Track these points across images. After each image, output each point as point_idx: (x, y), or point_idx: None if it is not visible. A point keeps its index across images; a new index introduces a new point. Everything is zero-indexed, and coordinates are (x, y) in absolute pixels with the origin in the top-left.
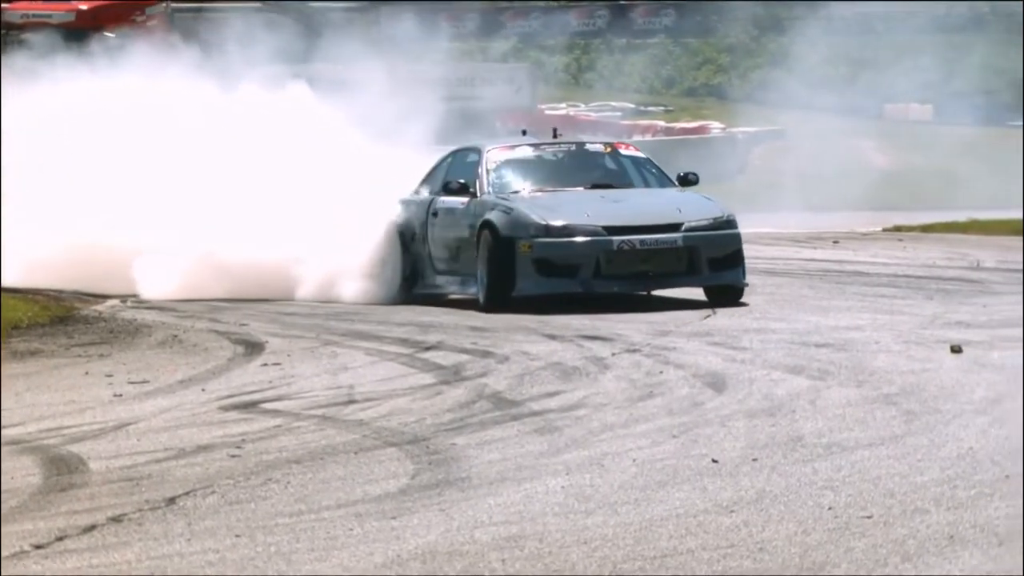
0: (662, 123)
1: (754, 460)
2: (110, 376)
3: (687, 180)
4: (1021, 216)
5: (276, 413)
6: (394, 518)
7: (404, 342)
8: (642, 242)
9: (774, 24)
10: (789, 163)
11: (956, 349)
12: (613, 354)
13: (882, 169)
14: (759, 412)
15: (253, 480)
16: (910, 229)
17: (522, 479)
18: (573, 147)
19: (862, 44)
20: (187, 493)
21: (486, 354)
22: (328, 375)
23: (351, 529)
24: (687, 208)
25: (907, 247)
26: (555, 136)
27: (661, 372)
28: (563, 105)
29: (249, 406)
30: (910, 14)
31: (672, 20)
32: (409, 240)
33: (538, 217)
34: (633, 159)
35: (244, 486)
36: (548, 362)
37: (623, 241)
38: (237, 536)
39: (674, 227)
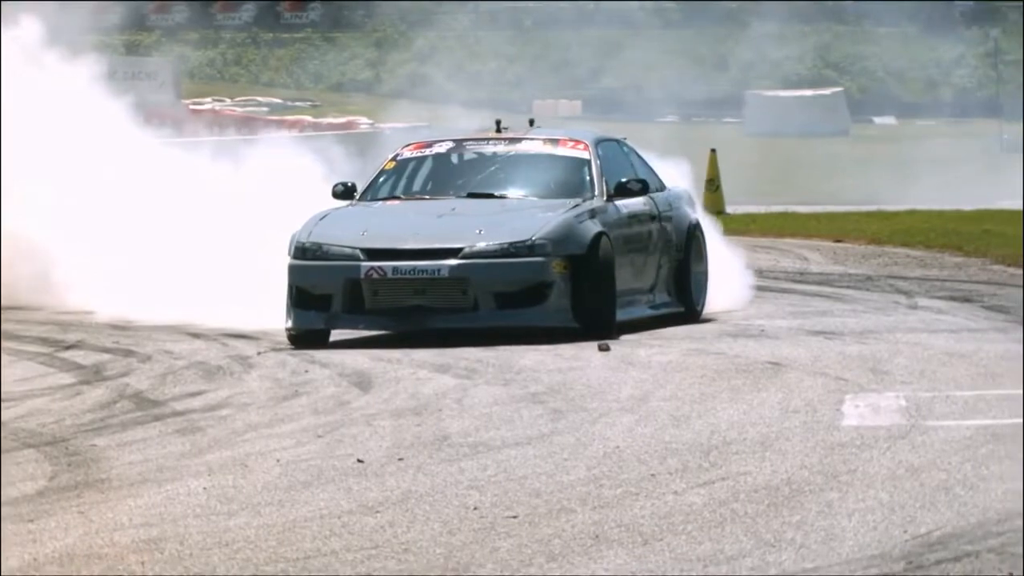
0: (309, 118)
1: (400, 460)
2: None
3: (626, 189)
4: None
5: None
6: (31, 521)
7: (44, 341)
8: (395, 269)
9: (423, 19)
10: None
11: (604, 347)
12: (258, 353)
13: None
14: (405, 411)
15: None
16: None
17: (163, 480)
18: (501, 145)
19: (511, 39)
20: None
21: (128, 353)
22: None
23: None
24: (497, 230)
25: None
26: (499, 130)
27: (307, 371)
28: (208, 100)
29: None
30: (560, 9)
31: (319, 14)
32: None
33: (304, 235)
34: (570, 159)
35: None
36: (191, 361)
37: (372, 268)
38: None
39: (454, 252)
